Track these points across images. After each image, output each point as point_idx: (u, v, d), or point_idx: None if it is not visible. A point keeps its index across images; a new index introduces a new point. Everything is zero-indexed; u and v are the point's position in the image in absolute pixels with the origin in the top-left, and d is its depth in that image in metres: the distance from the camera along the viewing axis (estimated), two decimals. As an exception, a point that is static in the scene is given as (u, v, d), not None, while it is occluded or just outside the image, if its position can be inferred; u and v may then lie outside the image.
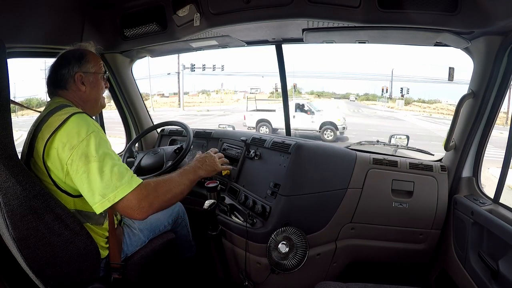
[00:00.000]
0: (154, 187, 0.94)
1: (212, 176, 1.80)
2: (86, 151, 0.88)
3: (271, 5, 1.26)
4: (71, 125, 0.91)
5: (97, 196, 0.87)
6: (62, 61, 1.08)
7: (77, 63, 1.08)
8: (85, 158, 0.88)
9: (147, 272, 1.24)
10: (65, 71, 1.06)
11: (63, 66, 1.07)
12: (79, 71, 1.07)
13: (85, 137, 0.89)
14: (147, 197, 0.90)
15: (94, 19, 1.64)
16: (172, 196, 0.97)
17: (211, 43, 1.69)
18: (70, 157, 0.88)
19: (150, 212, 0.91)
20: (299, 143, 1.44)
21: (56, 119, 0.92)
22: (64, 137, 0.90)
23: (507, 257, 1.05)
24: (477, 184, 1.40)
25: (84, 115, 0.96)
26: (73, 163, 0.88)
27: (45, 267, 0.92)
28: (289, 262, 1.32)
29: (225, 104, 27.64)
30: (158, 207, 0.93)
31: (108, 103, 1.36)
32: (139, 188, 0.90)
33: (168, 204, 0.98)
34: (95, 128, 0.93)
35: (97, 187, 0.87)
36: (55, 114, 0.94)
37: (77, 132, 0.90)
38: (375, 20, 1.19)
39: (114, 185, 0.87)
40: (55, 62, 1.09)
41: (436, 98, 28.49)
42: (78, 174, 0.88)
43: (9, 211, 0.85)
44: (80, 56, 1.09)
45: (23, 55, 1.50)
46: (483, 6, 1.04)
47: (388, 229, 1.49)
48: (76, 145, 0.88)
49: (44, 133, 0.92)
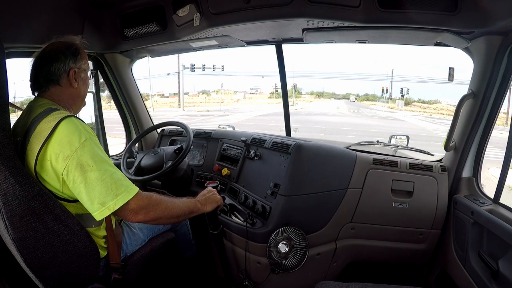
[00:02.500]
0: (156, 200, 0.96)
1: (212, 176, 1.82)
2: (81, 160, 0.86)
3: (271, 5, 1.26)
4: (62, 133, 0.87)
5: (96, 204, 0.86)
6: (57, 54, 1.01)
7: (73, 58, 1.03)
8: (81, 168, 0.86)
9: (147, 272, 1.24)
10: (60, 65, 1.01)
11: (59, 60, 1.01)
12: (74, 67, 1.03)
13: (78, 146, 0.86)
14: (147, 206, 0.93)
15: (94, 19, 1.64)
16: (168, 216, 1.00)
17: (211, 43, 1.69)
18: (65, 167, 0.86)
19: (143, 219, 0.94)
20: (299, 143, 1.44)
21: (44, 127, 0.87)
22: (56, 147, 0.86)
23: (507, 257, 1.05)
24: (477, 184, 1.40)
25: (73, 120, 0.91)
26: (69, 174, 0.86)
27: (45, 267, 0.92)
28: (289, 262, 1.32)
29: (225, 104, 27.66)
30: (151, 219, 0.96)
31: (108, 103, 1.36)
32: (139, 195, 0.92)
33: (161, 221, 1.01)
34: (87, 135, 0.89)
35: (95, 196, 0.86)
36: (42, 121, 0.88)
37: (69, 141, 0.86)
38: (375, 20, 1.19)
39: (114, 194, 0.87)
40: (49, 54, 1.02)
41: (436, 99, 28.55)
42: (76, 184, 0.86)
43: (8, 211, 0.85)
44: (76, 52, 1.04)
45: (22, 55, 1.50)
46: (483, 6, 1.04)
47: (388, 229, 1.49)
48: (70, 155, 0.85)
49: (33, 144, 0.87)
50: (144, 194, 0.94)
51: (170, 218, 1.02)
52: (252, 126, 13.08)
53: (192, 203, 1.12)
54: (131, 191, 0.90)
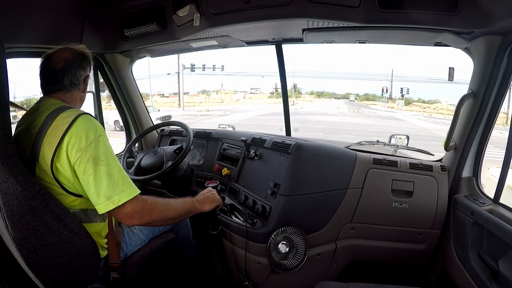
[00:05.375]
0: (150, 204, 0.99)
1: (212, 176, 1.82)
2: (94, 154, 0.91)
3: (271, 5, 1.26)
4: (79, 127, 0.92)
5: (102, 197, 0.90)
6: (81, 61, 1.09)
7: (89, 66, 1.13)
8: (93, 160, 0.90)
9: (147, 272, 1.24)
10: (82, 72, 1.09)
11: (81, 67, 1.09)
12: (88, 73, 1.13)
13: (93, 140, 0.92)
14: (141, 211, 0.95)
15: (94, 19, 1.64)
16: (163, 218, 1.03)
17: (211, 43, 1.69)
18: (78, 158, 0.90)
19: (137, 224, 0.97)
20: (299, 143, 1.44)
21: (61, 122, 0.92)
22: (73, 139, 0.90)
23: (507, 257, 1.05)
24: (477, 184, 1.40)
25: (90, 117, 0.97)
26: (81, 165, 0.90)
27: (45, 267, 0.92)
28: (289, 262, 1.32)
29: (225, 104, 27.64)
30: (146, 223, 0.99)
31: (108, 103, 1.36)
32: (137, 198, 0.95)
33: (157, 224, 1.08)
34: (101, 132, 0.95)
35: (103, 189, 0.90)
36: (59, 116, 0.93)
37: (86, 134, 0.91)
38: (375, 20, 1.19)
39: (120, 189, 0.91)
40: (72, 61, 1.06)
41: (436, 98, 28.53)
42: (86, 175, 0.90)
43: (8, 211, 0.85)
44: (89, 60, 1.13)
45: (23, 55, 1.50)
46: (483, 6, 1.04)
47: (388, 229, 1.49)
48: (84, 147, 0.90)
49: (51, 137, 0.91)
50: (140, 199, 0.96)
51: (165, 220, 1.05)
52: (252, 125, 13.08)
53: (189, 202, 1.13)
54: (134, 191, 0.94)
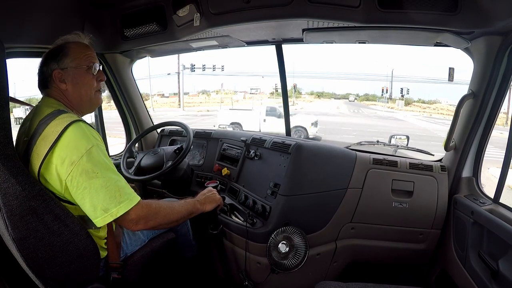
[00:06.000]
0: (155, 208, 0.98)
1: (212, 176, 1.82)
2: (86, 167, 0.86)
3: (271, 5, 1.26)
4: (69, 138, 0.87)
5: (99, 210, 0.87)
6: (44, 58, 1.02)
7: (54, 59, 0.99)
8: (86, 174, 0.86)
9: (147, 272, 1.24)
10: (45, 68, 1.00)
11: (44, 63, 1.01)
12: (57, 67, 0.99)
13: (85, 152, 0.87)
14: (146, 216, 0.95)
15: (94, 19, 1.64)
16: (168, 222, 1.04)
17: (211, 43, 1.69)
18: (70, 173, 0.86)
19: (142, 228, 0.96)
20: (299, 143, 1.44)
21: (51, 131, 0.87)
22: (63, 152, 0.86)
23: (507, 257, 1.05)
24: (477, 184, 1.40)
25: (81, 124, 0.90)
26: (73, 180, 0.86)
27: (45, 267, 0.92)
28: (289, 262, 1.32)
29: (225, 104, 27.61)
30: (152, 227, 1.00)
31: (108, 103, 1.36)
32: (140, 205, 0.93)
33: (161, 227, 1.09)
34: (93, 141, 0.89)
35: (99, 202, 0.87)
36: (50, 124, 0.88)
37: (76, 146, 0.87)
38: (375, 20, 1.19)
39: (118, 200, 0.88)
40: (41, 60, 1.03)
41: (436, 99, 28.58)
42: (79, 190, 0.86)
43: (8, 211, 0.85)
44: (58, 51, 1.00)
45: (23, 55, 1.50)
46: (483, 6, 1.04)
47: (388, 229, 1.49)
48: (75, 160, 0.85)
49: (40, 147, 0.87)
50: (144, 204, 0.95)
51: (169, 223, 1.06)
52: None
53: (191, 204, 1.13)
54: (133, 200, 0.92)
